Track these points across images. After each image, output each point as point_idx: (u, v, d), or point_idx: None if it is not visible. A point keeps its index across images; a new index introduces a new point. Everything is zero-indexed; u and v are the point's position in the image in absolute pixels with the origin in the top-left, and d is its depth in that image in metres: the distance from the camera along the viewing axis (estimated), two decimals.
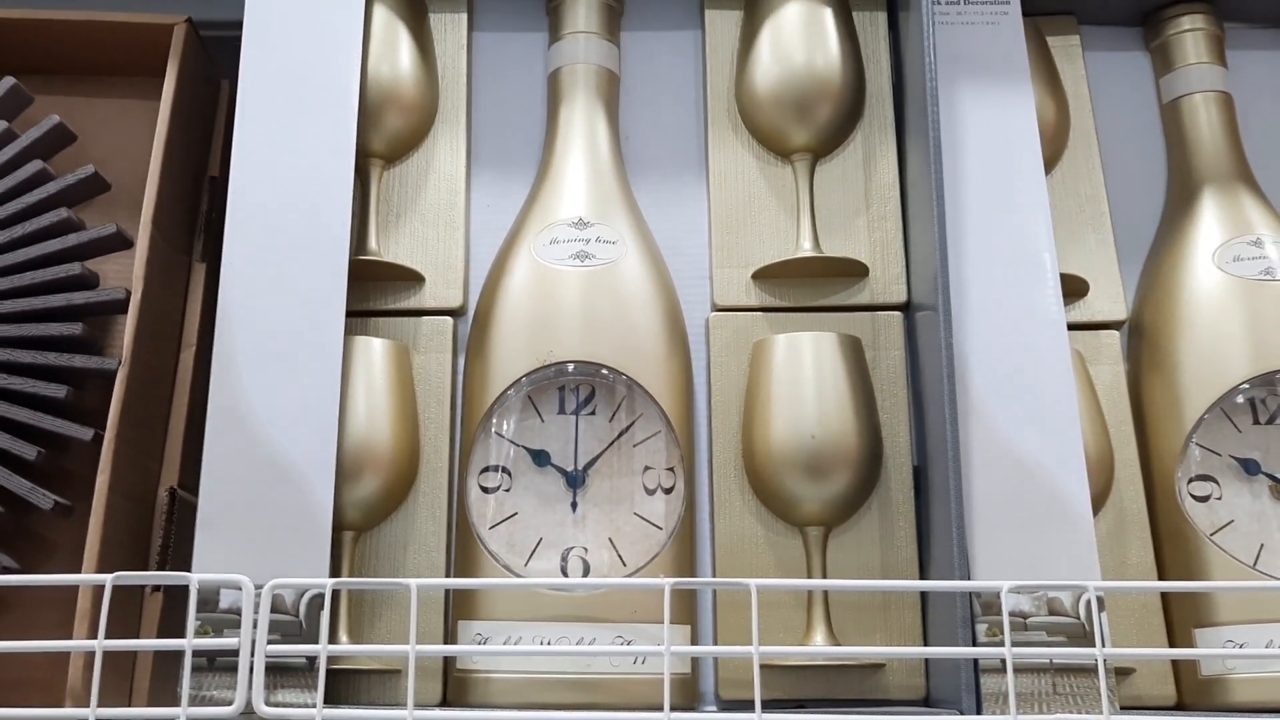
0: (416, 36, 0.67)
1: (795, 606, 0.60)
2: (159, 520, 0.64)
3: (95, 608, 0.56)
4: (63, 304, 0.61)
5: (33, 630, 0.60)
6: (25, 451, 0.59)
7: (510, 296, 0.61)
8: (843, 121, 0.66)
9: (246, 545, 0.56)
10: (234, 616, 0.55)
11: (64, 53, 0.69)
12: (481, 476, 0.60)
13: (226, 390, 0.57)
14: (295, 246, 0.59)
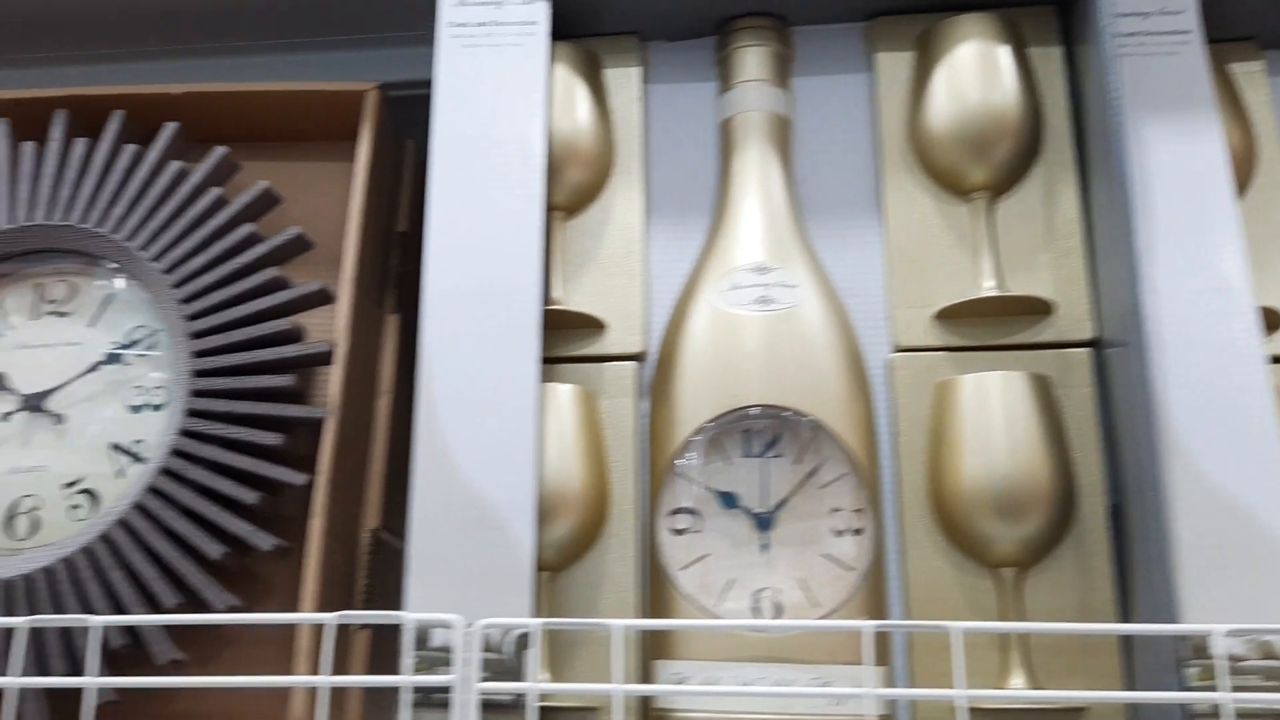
0: (593, 91, 0.70)
1: (988, 648, 0.59)
2: (362, 560, 0.67)
3: (315, 645, 0.60)
4: (274, 358, 0.65)
5: (252, 665, 0.64)
6: (245, 496, 0.63)
7: (693, 342, 0.63)
8: (1021, 157, 0.65)
9: (453, 585, 0.58)
10: (444, 654, 0.57)
11: (266, 122, 0.74)
12: (671, 518, 0.61)
13: (431, 437, 0.60)
14: (489, 298, 0.62)
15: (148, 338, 0.69)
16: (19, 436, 0.68)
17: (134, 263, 0.69)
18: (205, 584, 0.62)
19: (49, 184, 0.70)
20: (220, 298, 0.67)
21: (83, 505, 0.67)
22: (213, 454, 0.64)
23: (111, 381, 0.69)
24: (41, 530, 0.66)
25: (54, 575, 0.62)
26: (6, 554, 0.66)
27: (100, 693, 0.60)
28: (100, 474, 0.67)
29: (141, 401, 0.68)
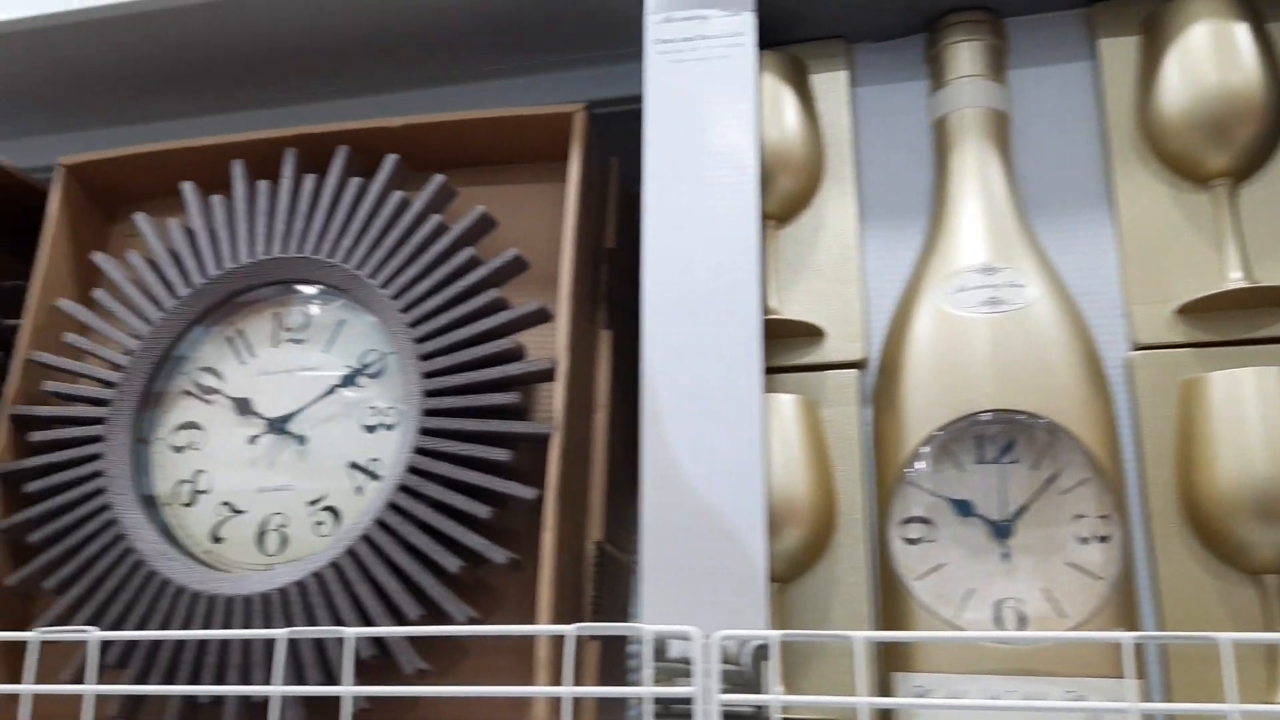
0: (801, 98, 0.70)
1: (1254, 660, 0.56)
2: (589, 573, 0.68)
3: (555, 657, 0.61)
4: (500, 375, 0.67)
5: (489, 675, 0.66)
6: (479, 510, 0.65)
7: (919, 347, 0.62)
8: (1265, 140, 0.61)
9: (687, 597, 0.59)
10: (682, 666, 0.58)
11: (478, 148, 0.76)
12: (903, 527, 0.60)
13: (657, 450, 0.61)
14: (709, 309, 0.62)
15: (378, 361, 0.73)
16: (266, 458, 0.73)
17: (363, 290, 0.72)
18: (445, 596, 0.64)
19: (283, 219, 0.75)
20: (446, 320, 0.69)
21: (326, 522, 0.70)
22: (446, 470, 0.66)
23: (347, 403, 0.72)
24: (289, 546, 0.70)
25: (305, 589, 0.66)
26: (259, 569, 0.70)
27: (353, 701, 0.63)
28: (341, 492, 0.70)
29: (375, 422, 0.71)
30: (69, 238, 0.82)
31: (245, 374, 0.75)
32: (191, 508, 0.73)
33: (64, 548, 0.71)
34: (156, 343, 0.75)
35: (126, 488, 0.72)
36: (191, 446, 0.74)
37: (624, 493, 0.74)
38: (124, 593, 0.69)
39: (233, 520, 0.72)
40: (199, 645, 0.66)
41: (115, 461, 0.72)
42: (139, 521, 0.71)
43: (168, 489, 0.74)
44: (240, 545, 0.71)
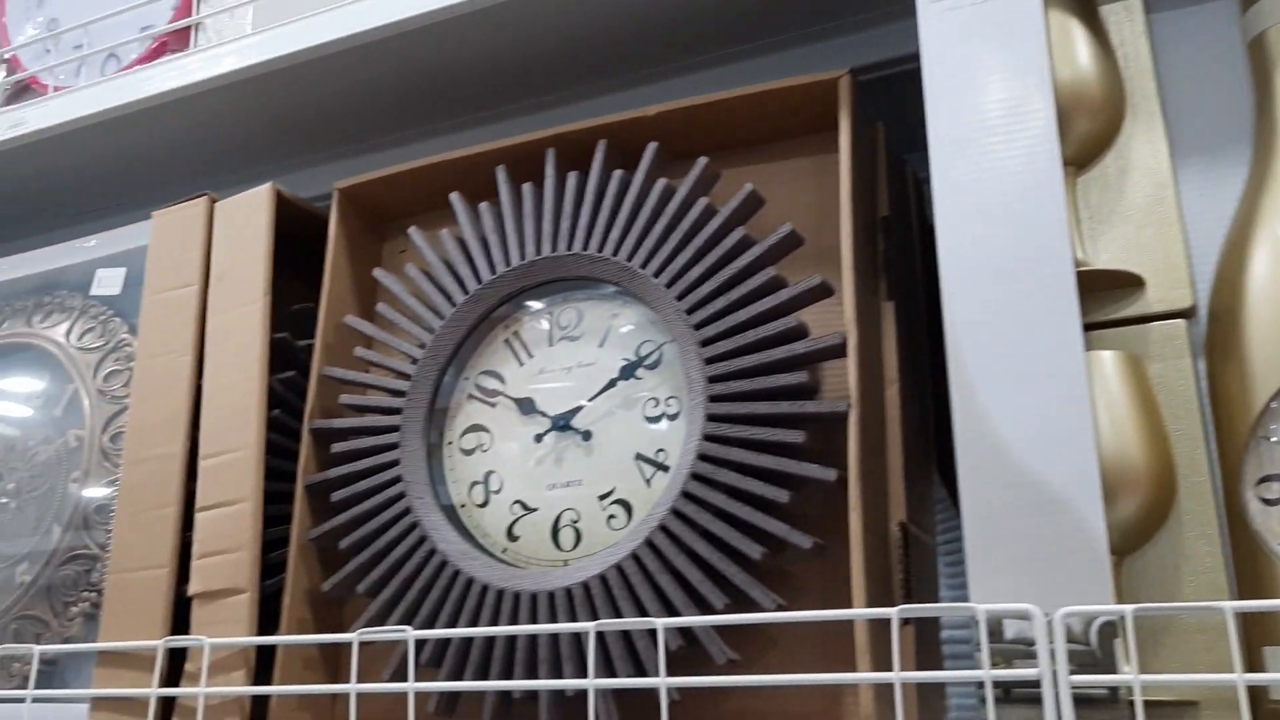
0: (1092, 32, 0.64)
1: None
2: (895, 555, 0.65)
3: (874, 641, 0.58)
4: (786, 355, 0.65)
5: (795, 665, 0.64)
6: (777, 495, 0.63)
7: (1259, 288, 0.55)
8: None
9: (1018, 574, 0.55)
10: (1019, 647, 0.54)
11: (738, 126, 0.74)
12: (1260, 488, 0.54)
13: (971, 422, 0.57)
14: (1014, 268, 0.58)
15: (655, 351, 0.72)
16: (552, 455, 0.73)
17: (636, 281, 0.71)
18: (750, 584, 0.63)
19: (550, 219, 0.75)
20: (723, 303, 0.68)
21: (618, 515, 0.70)
22: (739, 456, 0.64)
23: (627, 396, 0.72)
24: (584, 541, 0.70)
25: (607, 582, 0.66)
26: (556, 565, 0.70)
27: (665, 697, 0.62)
28: (630, 485, 0.70)
29: (658, 412, 0.71)
30: (348, 258, 0.86)
31: (525, 374, 0.76)
32: (486, 508, 0.74)
33: (372, 552, 0.74)
34: (439, 351, 0.77)
35: (425, 491, 0.74)
36: (480, 449, 0.76)
37: (920, 472, 0.71)
38: (432, 593, 0.70)
39: (526, 518, 0.72)
40: (509, 642, 0.67)
41: (412, 467, 0.75)
42: (439, 523, 0.73)
43: (462, 491, 0.75)
44: (536, 542, 0.72)
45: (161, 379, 0.84)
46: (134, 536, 0.80)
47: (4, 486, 0.97)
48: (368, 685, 0.67)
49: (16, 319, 1.01)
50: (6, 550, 0.94)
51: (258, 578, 0.75)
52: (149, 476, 0.81)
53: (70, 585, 0.87)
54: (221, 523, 0.77)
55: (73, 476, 0.93)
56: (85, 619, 0.86)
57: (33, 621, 0.88)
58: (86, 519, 0.88)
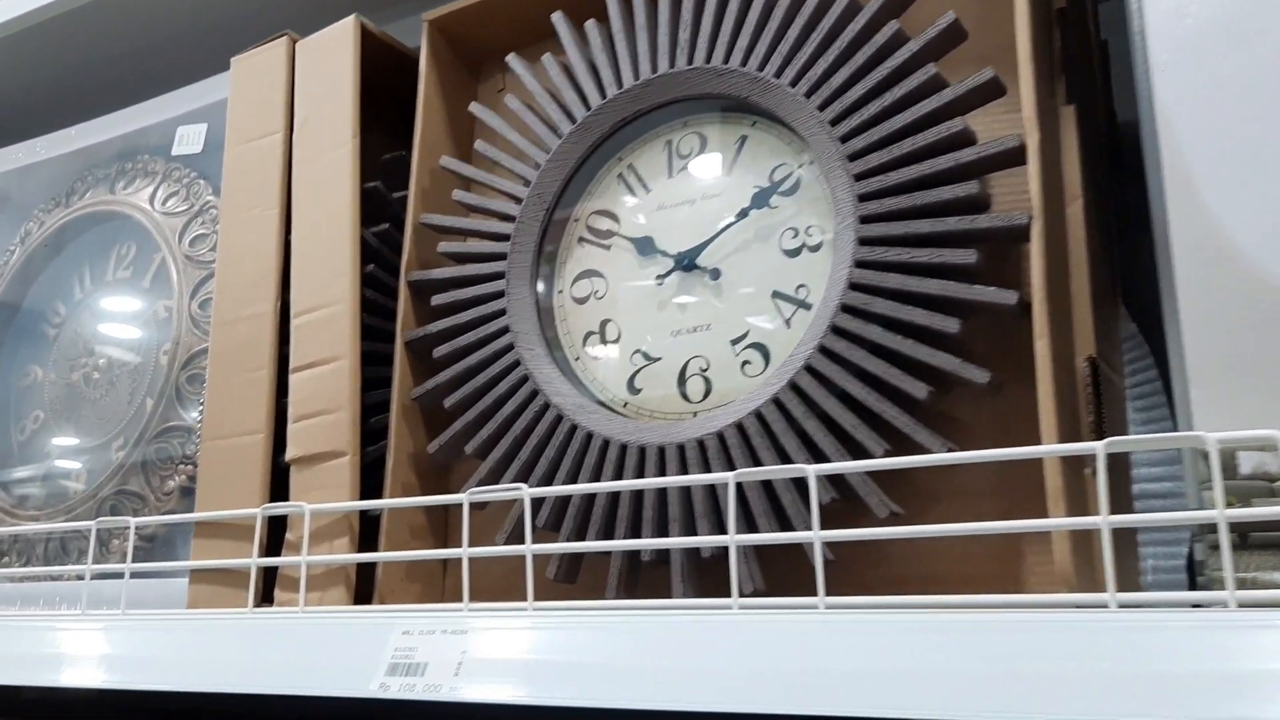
0: None
1: None
2: (1084, 393, 0.56)
3: (1069, 484, 0.50)
4: (951, 164, 0.56)
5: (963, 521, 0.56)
6: (946, 325, 0.54)
7: None
8: None
9: (1253, 399, 0.45)
10: (1257, 484, 0.45)
11: None
12: None
13: (1189, 224, 0.47)
14: (1246, 31, 0.47)
15: (790, 176, 0.63)
16: (676, 298, 0.65)
17: (768, 93, 0.62)
18: (914, 427, 0.54)
19: (666, 31, 0.66)
20: (875, 109, 0.58)
21: (754, 361, 0.62)
22: (896, 283, 0.55)
23: (761, 228, 0.63)
24: (715, 390, 0.63)
25: (745, 432, 0.58)
26: (684, 417, 0.63)
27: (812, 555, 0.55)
28: (766, 326, 0.62)
29: (797, 244, 0.62)
30: (441, 98, 0.78)
31: (641, 211, 0.68)
32: (602, 359, 0.67)
33: (480, 410, 0.67)
34: (545, 189, 0.69)
35: (535, 342, 0.67)
36: (594, 296, 0.68)
37: (1107, 304, 0.61)
38: (548, 450, 0.64)
39: (648, 369, 0.65)
40: (635, 499, 0.60)
41: (520, 317, 0.67)
42: (553, 376, 0.66)
43: (575, 343, 0.68)
44: (660, 394, 0.64)
45: (248, 235, 0.78)
46: (227, 402, 0.75)
47: (95, 363, 0.93)
48: (481, 549, 0.61)
49: (99, 187, 0.96)
50: (101, 428, 0.90)
51: (359, 439, 0.69)
52: (240, 339, 0.76)
53: (165, 459, 0.83)
54: (318, 383, 0.71)
55: (163, 349, 0.88)
56: (181, 493, 0.82)
57: (130, 497, 0.84)
58: (179, 390, 0.83)
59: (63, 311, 0.97)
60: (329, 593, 0.67)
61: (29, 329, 0.99)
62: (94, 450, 0.90)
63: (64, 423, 0.94)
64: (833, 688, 0.47)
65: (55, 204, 0.99)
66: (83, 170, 0.98)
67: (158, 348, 0.89)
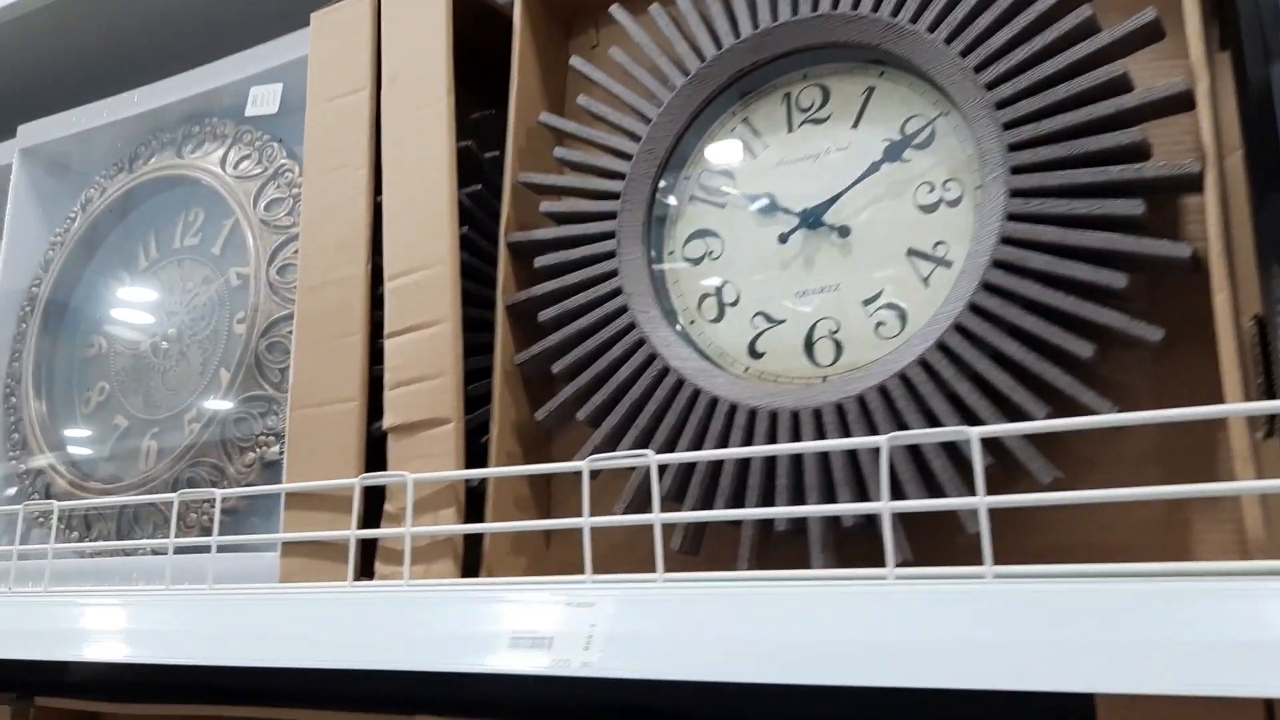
0: None
1: None
2: (1250, 352, 0.53)
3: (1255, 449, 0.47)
4: (1111, 110, 0.53)
5: None
6: (1112, 280, 0.51)
7: None
8: None
9: None
10: None
11: None
12: None
13: None
14: None
15: (925, 127, 0.60)
16: (800, 258, 0.62)
17: (903, 41, 0.59)
18: (1079, 388, 0.51)
19: None
20: (1024, 54, 0.55)
21: (888, 321, 0.59)
22: (1053, 236, 0.53)
23: (893, 183, 0.60)
24: (846, 353, 0.60)
25: (889, 394, 0.55)
26: (813, 382, 0.60)
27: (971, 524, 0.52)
28: (902, 285, 0.59)
29: (934, 199, 0.59)
30: (535, 54, 0.75)
31: (759, 168, 0.65)
32: (720, 323, 0.64)
33: (593, 375, 0.64)
34: (655, 145, 0.66)
35: (650, 304, 0.64)
36: (709, 257, 0.65)
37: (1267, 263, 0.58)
38: (668, 417, 0.61)
39: (772, 332, 0.62)
40: (767, 467, 0.57)
41: (633, 278, 0.65)
42: (670, 339, 0.63)
43: (690, 306, 0.65)
44: (785, 358, 0.61)
45: (334, 196, 0.75)
46: (317, 370, 0.72)
47: (164, 332, 0.90)
48: (604, 518, 0.58)
49: (165, 151, 0.93)
50: (173, 400, 0.87)
51: (463, 406, 0.66)
52: (328, 304, 0.73)
53: (245, 431, 0.80)
54: (416, 348, 0.68)
55: (238, 318, 0.85)
56: (263, 466, 0.79)
57: (208, 469, 0.81)
58: (259, 359, 0.80)
59: (127, 280, 0.95)
60: (435, 565, 0.65)
61: (92, 299, 0.96)
62: (165, 422, 0.88)
63: (131, 394, 0.91)
64: (1004, 660, 0.44)
65: (118, 169, 0.96)
66: (147, 134, 0.95)
67: (231, 316, 0.86)
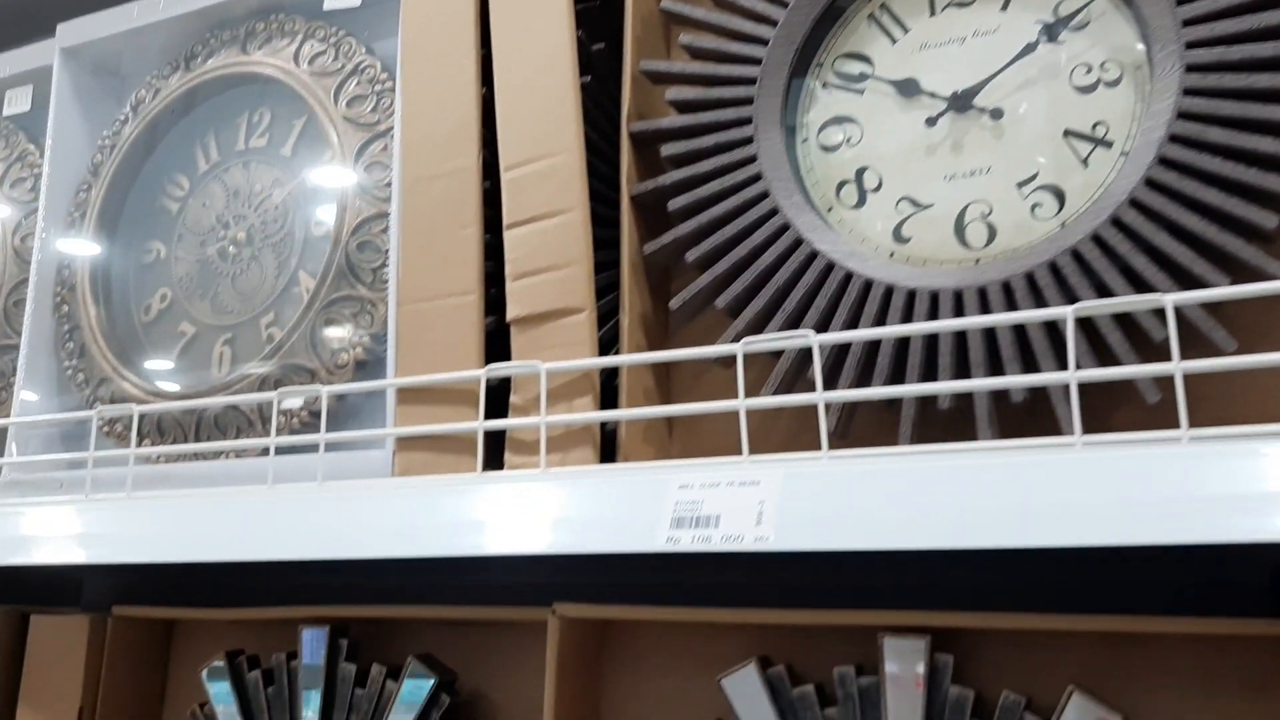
0: None
1: None
2: None
3: None
4: None
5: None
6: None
7: None
8: None
9: None
10: None
11: None
12: None
13: None
14: None
15: (1080, 9, 0.60)
16: (948, 141, 0.62)
17: None
18: (1263, 258, 0.52)
19: None
20: None
21: (1045, 203, 0.59)
22: (1234, 110, 0.53)
23: (1047, 64, 0.60)
24: (1000, 236, 0.60)
25: (1059, 270, 0.55)
26: (966, 264, 0.60)
27: (1151, 394, 0.53)
28: (1059, 166, 0.59)
29: (1092, 80, 0.59)
30: None
31: (900, 53, 0.64)
32: (862, 209, 0.63)
33: (732, 262, 0.64)
34: (791, 29, 0.65)
35: (792, 189, 0.63)
36: (847, 143, 0.65)
37: None
38: (818, 301, 0.61)
39: (919, 215, 0.62)
40: (928, 348, 0.57)
41: (772, 163, 0.64)
42: (815, 223, 0.62)
43: (827, 194, 0.65)
44: (934, 242, 0.61)
45: (439, 87, 0.73)
46: (428, 264, 0.71)
47: (232, 236, 0.87)
48: (761, 399, 0.58)
49: (228, 49, 0.90)
50: (245, 304, 0.85)
51: (594, 294, 0.65)
52: (438, 197, 0.71)
53: (336, 333, 0.78)
54: (541, 238, 0.67)
55: (315, 220, 0.83)
56: (357, 366, 0.78)
57: (296, 372, 0.79)
58: (349, 260, 0.78)
59: (186, 185, 0.92)
60: (571, 454, 0.64)
61: (147, 204, 0.93)
62: (238, 328, 0.85)
63: (197, 300, 0.88)
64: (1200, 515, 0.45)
65: (174, 69, 0.93)
66: (206, 32, 0.92)
67: (309, 219, 0.83)
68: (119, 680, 0.81)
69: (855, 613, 0.59)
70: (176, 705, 0.85)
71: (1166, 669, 0.56)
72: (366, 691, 0.71)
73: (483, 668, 0.74)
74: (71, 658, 0.81)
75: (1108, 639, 0.58)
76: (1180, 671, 0.56)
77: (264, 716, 0.75)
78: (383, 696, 0.71)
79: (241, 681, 0.76)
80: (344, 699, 0.72)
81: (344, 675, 0.72)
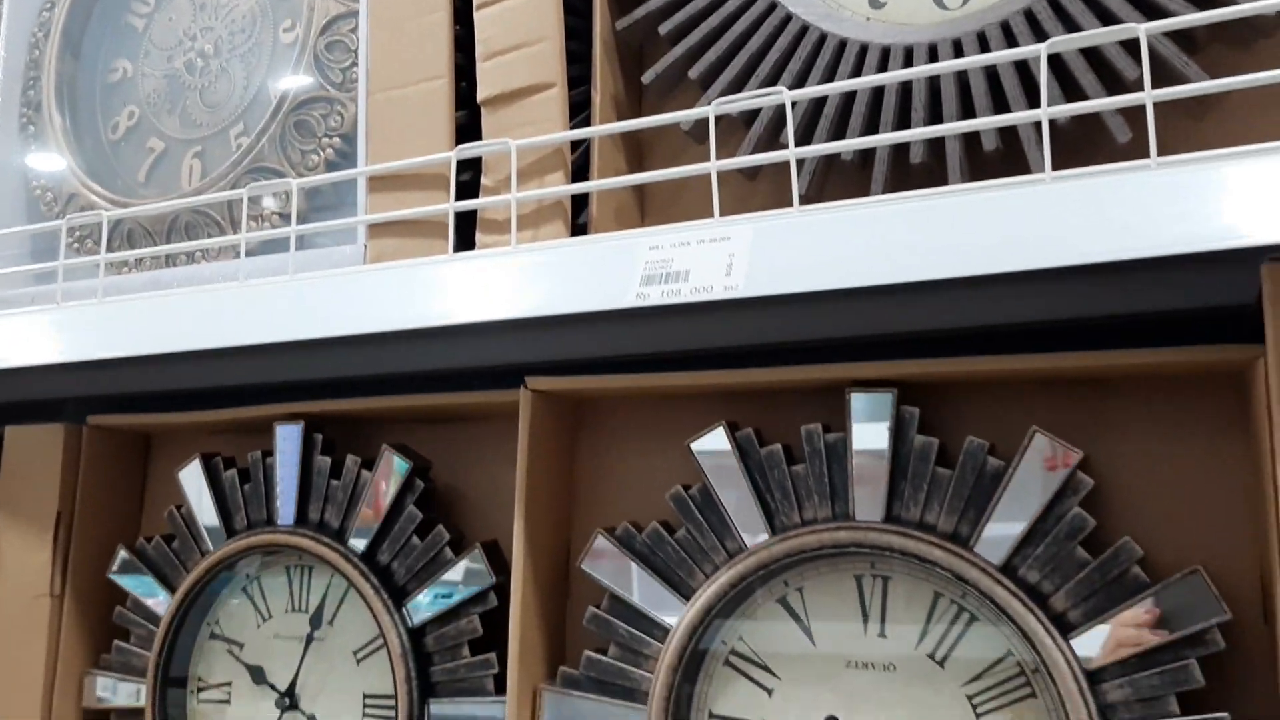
0: None
1: None
2: None
3: None
4: None
5: None
6: None
7: None
8: None
9: None
10: None
11: None
12: None
13: None
14: None
15: None
16: None
17: None
18: None
19: None
20: None
21: None
22: None
23: None
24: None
25: (1035, 17, 0.55)
26: (942, 24, 0.59)
27: (1121, 134, 0.53)
28: None
29: None
30: None
31: None
32: None
33: (705, 32, 0.63)
34: None
35: None
36: None
37: None
38: (792, 64, 0.60)
39: None
40: (902, 97, 0.57)
41: None
42: None
43: None
44: (910, 6, 0.60)
45: None
46: (396, 51, 0.69)
47: (199, 49, 0.85)
48: (731, 160, 0.57)
49: None
50: (214, 116, 0.83)
51: (565, 69, 0.64)
52: None
53: (307, 134, 0.77)
54: (511, 16, 0.66)
55: (283, 26, 0.81)
56: (328, 165, 0.77)
57: (266, 174, 0.78)
58: (317, 59, 0.77)
59: (151, 1, 0.89)
60: (543, 229, 0.64)
61: (110, 21, 0.91)
62: (207, 140, 0.84)
63: (165, 115, 0.87)
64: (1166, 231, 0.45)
65: None
66: None
67: (276, 26, 0.82)
68: (96, 487, 0.82)
69: (822, 367, 0.59)
70: (155, 511, 0.85)
71: (1130, 412, 0.57)
72: (342, 482, 0.72)
73: (459, 460, 0.74)
74: (48, 466, 0.81)
75: (1074, 389, 0.58)
76: (1144, 416, 0.56)
77: (240, 513, 0.75)
78: (358, 486, 0.71)
79: (218, 480, 0.76)
80: (319, 491, 0.72)
81: (319, 468, 0.73)
